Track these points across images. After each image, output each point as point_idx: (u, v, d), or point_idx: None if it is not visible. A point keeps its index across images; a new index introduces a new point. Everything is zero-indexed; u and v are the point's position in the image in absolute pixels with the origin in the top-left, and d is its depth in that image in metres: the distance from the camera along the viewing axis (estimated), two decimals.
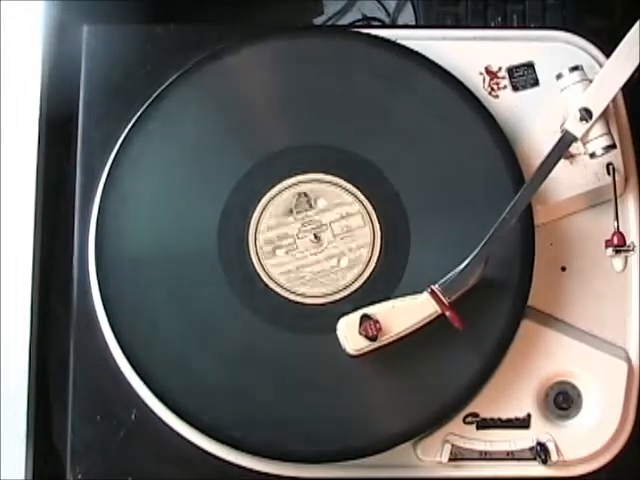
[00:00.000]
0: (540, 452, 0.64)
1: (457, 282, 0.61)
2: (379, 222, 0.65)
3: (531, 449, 0.65)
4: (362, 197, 0.66)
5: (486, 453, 0.65)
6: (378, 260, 0.65)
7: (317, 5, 0.88)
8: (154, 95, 0.67)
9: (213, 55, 0.67)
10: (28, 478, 0.67)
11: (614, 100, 0.66)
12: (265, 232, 0.65)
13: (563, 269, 0.67)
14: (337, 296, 0.64)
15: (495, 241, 0.62)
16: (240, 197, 0.65)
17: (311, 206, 0.65)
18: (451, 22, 0.81)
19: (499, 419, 0.65)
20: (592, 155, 0.65)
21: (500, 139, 0.66)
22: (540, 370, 0.65)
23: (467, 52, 0.70)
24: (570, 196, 0.67)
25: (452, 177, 0.66)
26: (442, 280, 0.61)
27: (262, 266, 0.65)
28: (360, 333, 0.61)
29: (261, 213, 0.65)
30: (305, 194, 0.65)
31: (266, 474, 0.64)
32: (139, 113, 0.66)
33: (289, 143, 0.66)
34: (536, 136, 0.68)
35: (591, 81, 0.65)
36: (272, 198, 0.65)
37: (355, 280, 0.65)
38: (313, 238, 0.65)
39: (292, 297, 0.64)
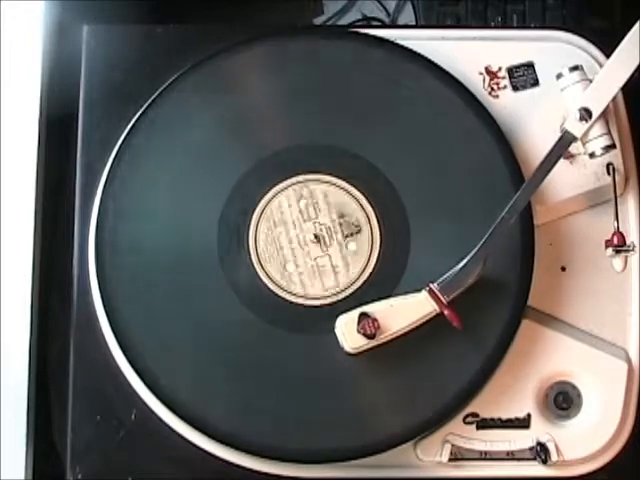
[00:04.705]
0: (540, 452, 0.64)
1: (455, 281, 0.61)
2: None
3: (531, 449, 0.65)
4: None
5: (486, 453, 0.65)
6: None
7: (317, 5, 0.88)
8: (154, 95, 0.67)
9: (213, 55, 0.67)
10: (28, 478, 0.67)
11: (614, 100, 0.66)
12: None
13: (563, 269, 0.67)
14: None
15: (494, 240, 0.62)
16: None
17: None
18: (451, 22, 0.81)
19: (499, 419, 0.65)
20: (592, 155, 0.65)
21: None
22: (540, 370, 0.65)
23: (467, 52, 0.70)
24: (570, 196, 0.67)
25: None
26: (440, 279, 0.62)
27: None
28: (358, 331, 0.61)
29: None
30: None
31: (266, 474, 0.64)
32: (139, 113, 0.66)
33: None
34: (536, 136, 0.68)
35: (591, 81, 0.65)
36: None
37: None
38: (313, 238, 0.65)
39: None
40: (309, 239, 0.65)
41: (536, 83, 0.69)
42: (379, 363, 0.63)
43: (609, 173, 0.67)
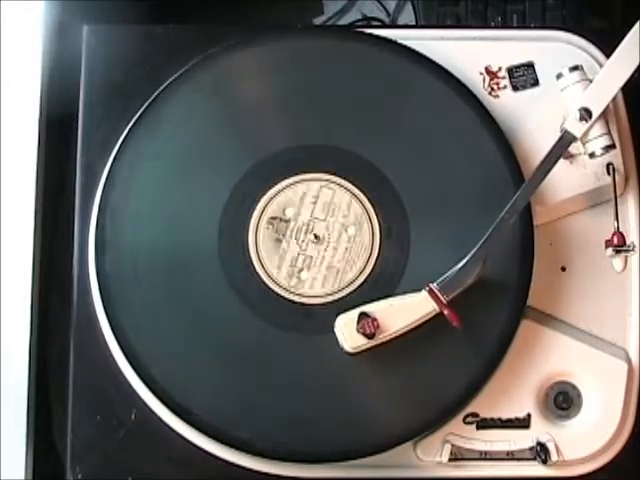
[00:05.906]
0: (540, 452, 0.64)
1: (455, 281, 0.61)
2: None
3: (531, 449, 0.65)
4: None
5: (486, 453, 0.65)
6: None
7: (317, 5, 0.88)
8: (154, 95, 0.67)
9: (213, 55, 0.67)
10: (28, 478, 0.67)
11: (614, 100, 0.66)
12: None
13: (563, 269, 0.67)
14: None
15: (493, 240, 0.62)
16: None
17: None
18: (451, 22, 0.81)
19: (499, 419, 0.65)
20: (592, 155, 0.65)
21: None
22: (540, 370, 0.65)
23: (467, 52, 0.70)
24: (570, 196, 0.67)
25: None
26: (440, 279, 0.62)
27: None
28: (358, 331, 0.61)
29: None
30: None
31: (266, 474, 0.64)
32: (139, 113, 0.66)
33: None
34: (536, 136, 0.68)
35: (591, 81, 0.65)
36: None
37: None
38: (313, 238, 0.65)
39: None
40: (309, 239, 0.65)
41: (536, 83, 0.69)
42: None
43: (609, 173, 0.67)
